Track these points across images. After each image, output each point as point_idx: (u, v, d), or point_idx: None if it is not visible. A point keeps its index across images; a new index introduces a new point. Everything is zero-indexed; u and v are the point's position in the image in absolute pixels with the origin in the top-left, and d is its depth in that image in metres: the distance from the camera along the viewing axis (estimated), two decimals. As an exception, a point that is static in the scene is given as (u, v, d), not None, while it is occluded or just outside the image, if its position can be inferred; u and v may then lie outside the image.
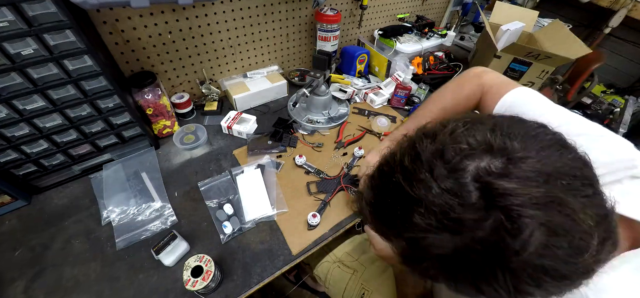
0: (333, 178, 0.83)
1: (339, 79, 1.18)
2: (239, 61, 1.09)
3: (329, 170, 0.86)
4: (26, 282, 0.58)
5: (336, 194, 0.79)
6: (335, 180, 0.82)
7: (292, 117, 1.00)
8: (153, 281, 0.60)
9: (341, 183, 0.81)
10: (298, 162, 0.84)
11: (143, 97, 0.81)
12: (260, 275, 0.63)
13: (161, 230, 0.68)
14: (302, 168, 0.84)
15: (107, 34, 0.78)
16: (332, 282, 0.79)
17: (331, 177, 0.83)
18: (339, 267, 0.79)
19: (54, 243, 0.64)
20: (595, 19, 2.04)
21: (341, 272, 0.78)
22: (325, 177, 0.83)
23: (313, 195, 0.78)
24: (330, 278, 0.79)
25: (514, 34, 1.25)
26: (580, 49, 1.11)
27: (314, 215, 0.71)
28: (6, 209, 0.68)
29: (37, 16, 0.53)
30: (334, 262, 0.81)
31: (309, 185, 0.80)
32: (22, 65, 0.56)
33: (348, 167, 0.86)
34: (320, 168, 0.85)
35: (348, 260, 0.79)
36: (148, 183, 0.77)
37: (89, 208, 0.71)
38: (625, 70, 2.10)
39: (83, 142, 0.73)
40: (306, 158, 0.85)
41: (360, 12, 1.27)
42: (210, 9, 0.90)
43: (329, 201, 0.77)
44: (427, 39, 1.44)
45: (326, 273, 0.81)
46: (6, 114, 0.60)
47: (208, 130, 0.93)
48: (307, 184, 0.80)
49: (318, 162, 0.87)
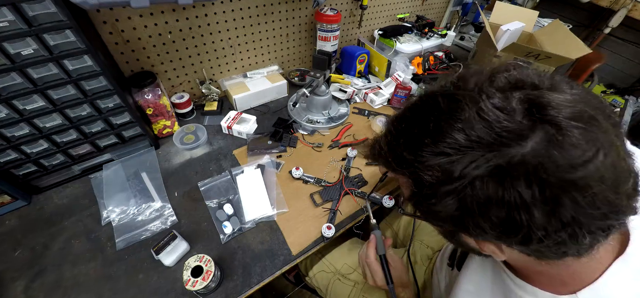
0: (334, 184, 0.82)
1: (339, 79, 1.18)
2: (239, 61, 1.09)
3: (328, 176, 0.85)
4: (26, 282, 0.58)
5: (341, 199, 0.78)
6: (337, 185, 0.82)
7: (292, 117, 1.00)
8: (153, 281, 0.60)
9: (344, 187, 0.80)
10: (295, 174, 0.81)
11: (143, 97, 0.81)
12: (260, 275, 0.63)
13: (161, 230, 0.68)
14: (300, 180, 0.82)
15: (107, 34, 0.78)
16: (333, 295, 0.78)
17: (332, 183, 0.82)
18: (339, 280, 0.78)
19: (54, 243, 0.64)
20: (595, 19, 2.05)
21: (342, 286, 0.77)
22: (326, 185, 0.82)
23: (320, 207, 0.76)
24: (331, 292, 0.78)
25: (514, 34, 1.25)
26: (580, 49, 1.11)
27: (329, 226, 0.69)
28: (6, 209, 0.68)
29: (37, 16, 0.53)
30: (334, 274, 0.79)
31: (312, 196, 0.78)
32: (22, 65, 0.56)
33: (346, 170, 0.85)
34: (319, 176, 0.83)
35: (348, 272, 0.78)
36: (148, 184, 0.77)
37: (89, 208, 0.71)
38: (625, 70, 2.10)
39: (83, 142, 0.73)
40: (303, 170, 0.82)
41: (360, 12, 1.27)
42: (210, 9, 0.90)
43: (337, 208, 0.76)
44: (427, 39, 1.44)
45: (327, 285, 0.79)
46: (6, 114, 0.60)
47: (208, 130, 0.93)
48: (310, 196, 0.78)
49: (315, 168, 0.86)
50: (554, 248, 0.27)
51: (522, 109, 0.25)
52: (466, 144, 0.26)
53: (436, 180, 0.28)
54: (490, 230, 0.27)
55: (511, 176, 0.24)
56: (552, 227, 0.24)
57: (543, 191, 0.23)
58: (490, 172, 0.25)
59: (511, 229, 0.26)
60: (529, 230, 0.25)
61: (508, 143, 0.24)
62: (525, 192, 0.24)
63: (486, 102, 0.26)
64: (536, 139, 0.24)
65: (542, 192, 0.24)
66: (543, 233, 0.25)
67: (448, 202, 0.27)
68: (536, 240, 0.26)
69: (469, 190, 0.26)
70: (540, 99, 0.25)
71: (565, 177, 0.23)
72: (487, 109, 0.25)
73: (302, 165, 0.83)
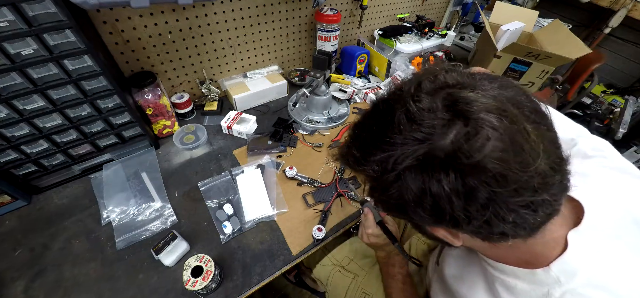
0: (328, 185, 0.82)
1: (339, 79, 1.18)
2: (239, 61, 1.09)
3: (323, 177, 0.84)
4: (26, 282, 0.58)
5: (333, 201, 0.78)
6: (330, 187, 0.81)
7: (292, 117, 1.00)
8: (153, 281, 0.60)
9: (338, 188, 0.80)
10: (289, 174, 0.81)
11: (143, 97, 0.81)
12: (260, 275, 0.63)
13: (161, 230, 0.68)
14: (294, 180, 0.81)
15: (107, 34, 0.78)
16: (332, 286, 0.79)
17: (326, 185, 0.82)
18: (339, 271, 0.79)
19: (54, 243, 0.64)
20: (595, 19, 2.05)
21: (342, 277, 0.78)
22: (319, 185, 0.81)
23: (312, 208, 0.76)
24: (331, 282, 0.79)
25: (514, 34, 1.25)
26: (580, 49, 1.11)
27: (320, 228, 0.70)
28: (6, 209, 0.68)
29: (37, 16, 0.53)
30: (334, 266, 0.80)
31: (305, 197, 0.78)
32: (22, 65, 0.56)
33: (340, 171, 0.85)
34: (313, 177, 0.82)
35: (348, 264, 0.79)
36: (148, 184, 0.77)
37: (89, 208, 0.71)
38: (625, 70, 2.10)
39: (83, 142, 0.73)
40: (297, 170, 0.81)
41: (360, 12, 1.27)
42: (210, 9, 0.90)
43: (328, 209, 0.76)
44: (427, 39, 1.44)
45: (327, 276, 0.80)
46: (6, 114, 0.60)
47: (208, 130, 0.93)
48: (303, 196, 0.78)
49: (310, 169, 0.85)
50: (487, 229, 0.30)
51: (442, 107, 0.29)
52: (399, 140, 0.29)
53: (377, 174, 0.32)
54: (427, 216, 0.30)
55: (432, 165, 0.28)
56: (473, 208, 0.28)
57: (457, 176, 0.27)
58: (416, 162, 0.29)
59: (440, 213, 0.29)
60: (454, 213, 0.28)
61: (430, 137, 0.28)
62: (443, 178, 0.27)
63: (412, 104, 0.30)
64: (454, 131, 0.27)
65: (456, 177, 0.27)
66: (466, 214, 0.28)
67: (391, 193, 0.31)
68: (464, 222, 0.29)
69: (402, 181, 0.30)
70: (458, 97, 0.29)
71: (470, 161, 0.26)
72: (413, 109, 0.29)
73: (302, 165, 0.83)
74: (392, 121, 0.31)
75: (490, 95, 0.29)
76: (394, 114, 0.31)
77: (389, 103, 0.33)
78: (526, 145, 0.27)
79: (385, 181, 0.31)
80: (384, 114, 0.33)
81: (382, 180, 0.31)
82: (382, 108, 0.34)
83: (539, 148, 0.27)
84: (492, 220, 0.28)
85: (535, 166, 0.27)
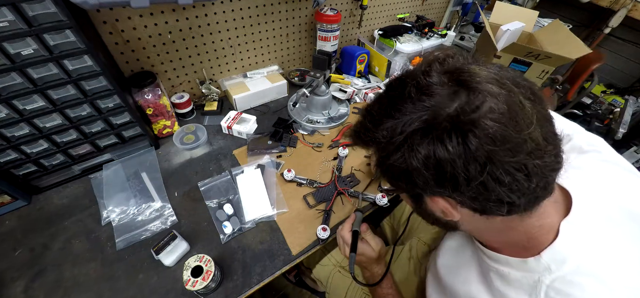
0: (327, 185, 0.82)
1: (339, 79, 1.18)
2: (239, 61, 1.09)
3: (321, 177, 0.84)
4: (26, 281, 0.58)
5: (334, 200, 0.78)
6: (329, 186, 0.82)
7: (292, 117, 1.00)
8: (153, 281, 0.60)
9: (337, 187, 0.80)
10: (287, 177, 0.80)
11: (143, 97, 0.81)
12: (260, 275, 0.63)
13: (161, 230, 0.68)
14: (293, 182, 0.81)
15: (107, 34, 0.78)
16: (333, 286, 0.79)
17: (325, 184, 0.82)
18: (339, 271, 0.79)
19: (54, 243, 0.64)
20: (595, 19, 2.05)
21: (342, 277, 0.78)
22: (319, 185, 0.81)
23: (314, 209, 0.76)
24: (331, 282, 0.79)
25: (514, 34, 1.25)
26: (580, 49, 1.11)
27: (324, 228, 0.70)
28: (6, 209, 0.68)
29: (37, 16, 0.53)
30: (335, 266, 0.80)
31: (306, 197, 0.78)
32: (22, 65, 0.56)
33: (338, 170, 0.85)
34: (312, 178, 0.82)
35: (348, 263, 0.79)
36: (148, 184, 0.77)
37: (89, 208, 0.71)
38: (625, 70, 2.10)
39: (83, 142, 0.73)
40: (295, 172, 0.81)
41: (360, 12, 1.27)
42: (210, 9, 0.90)
43: (329, 208, 0.76)
44: (427, 39, 1.44)
45: (327, 277, 0.80)
46: (6, 114, 0.60)
47: (208, 130, 0.93)
48: (304, 197, 0.78)
49: (310, 170, 0.85)
50: (484, 194, 0.31)
51: (449, 80, 0.32)
52: (408, 109, 0.33)
53: (386, 138, 0.34)
54: (432, 181, 0.32)
55: (437, 128, 0.30)
56: (472, 166, 0.29)
57: (459, 136, 0.29)
58: (423, 125, 0.31)
59: (442, 175, 0.31)
60: (454, 172, 0.30)
61: (437, 104, 0.31)
62: (446, 140, 0.30)
63: (422, 78, 0.33)
64: (458, 100, 0.30)
65: (458, 138, 0.29)
66: (466, 174, 0.30)
67: (397, 158, 0.33)
68: (464, 184, 0.31)
69: (408, 144, 0.32)
70: (464, 70, 0.32)
71: (470, 118, 0.29)
72: (423, 82, 0.33)
73: (302, 166, 0.83)
74: (403, 93, 0.34)
75: (493, 72, 0.32)
76: (405, 88, 0.34)
77: (401, 79, 0.36)
78: (521, 113, 0.29)
79: (392, 145, 0.33)
80: (396, 88, 0.36)
81: (389, 144, 0.34)
82: (395, 84, 0.37)
83: (532, 118, 0.30)
84: (489, 183, 0.30)
85: (528, 131, 0.29)
